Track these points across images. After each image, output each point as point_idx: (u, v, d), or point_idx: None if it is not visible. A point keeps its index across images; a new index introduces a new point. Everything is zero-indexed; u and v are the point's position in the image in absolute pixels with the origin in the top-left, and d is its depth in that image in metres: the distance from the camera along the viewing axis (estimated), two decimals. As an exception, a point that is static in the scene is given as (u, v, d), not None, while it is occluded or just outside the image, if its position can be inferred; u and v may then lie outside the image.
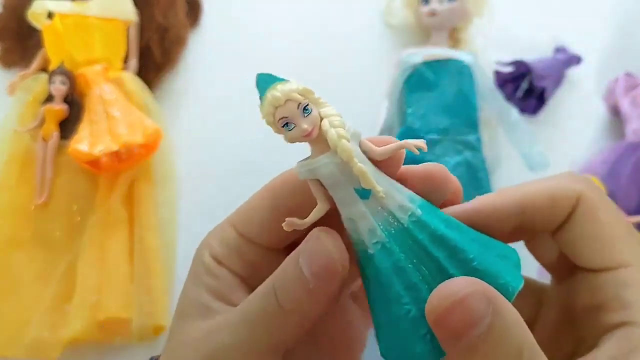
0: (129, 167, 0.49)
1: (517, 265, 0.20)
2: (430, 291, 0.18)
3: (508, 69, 0.56)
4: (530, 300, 0.23)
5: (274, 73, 0.20)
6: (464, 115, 0.49)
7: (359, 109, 0.55)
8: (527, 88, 0.56)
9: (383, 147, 0.19)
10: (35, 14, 0.52)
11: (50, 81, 0.51)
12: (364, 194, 0.19)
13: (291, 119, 0.18)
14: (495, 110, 0.50)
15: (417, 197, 0.19)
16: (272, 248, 0.23)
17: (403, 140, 0.19)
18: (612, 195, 0.52)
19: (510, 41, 0.57)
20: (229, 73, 0.55)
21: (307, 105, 0.19)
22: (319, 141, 0.19)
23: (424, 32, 0.56)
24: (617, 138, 0.55)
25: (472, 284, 0.16)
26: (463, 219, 0.20)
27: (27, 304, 0.46)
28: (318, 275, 0.19)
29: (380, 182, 0.19)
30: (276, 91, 0.18)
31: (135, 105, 0.51)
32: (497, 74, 0.56)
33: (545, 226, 0.20)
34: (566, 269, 0.21)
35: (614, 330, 0.18)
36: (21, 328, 0.45)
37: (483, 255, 0.19)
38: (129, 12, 0.54)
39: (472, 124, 0.49)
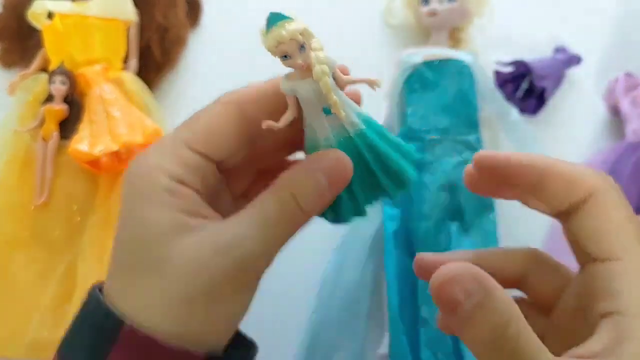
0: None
1: (415, 160, 0.27)
2: (359, 185, 0.26)
3: (508, 69, 0.56)
4: (554, 284, 0.25)
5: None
6: (464, 115, 0.49)
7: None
8: (527, 88, 0.56)
9: (348, 77, 0.26)
10: (35, 14, 0.52)
11: (50, 81, 0.51)
12: (328, 111, 0.24)
13: (290, 53, 0.23)
14: (495, 110, 0.51)
15: (363, 114, 0.26)
16: (228, 164, 0.25)
17: (363, 77, 0.26)
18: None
19: (510, 41, 0.57)
20: (229, 73, 0.55)
21: (304, 44, 0.23)
22: (306, 69, 0.24)
23: (424, 32, 0.56)
24: (617, 138, 0.55)
25: (465, 268, 0.19)
26: (491, 166, 0.24)
27: (27, 303, 0.46)
28: (335, 186, 0.24)
29: (342, 104, 0.24)
30: (284, 30, 0.23)
31: (135, 105, 0.51)
32: (497, 74, 0.56)
33: (556, 204, 0.23)
34: (584, 256, 0.22)
35: (605, 318, 0.20)
36: (21, 328, 0.45)
37: (396, 157, 0.26)
38: (129, 12, 0.54)
39: (472, 124, 0.49)
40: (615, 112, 0.56)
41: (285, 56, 0.23)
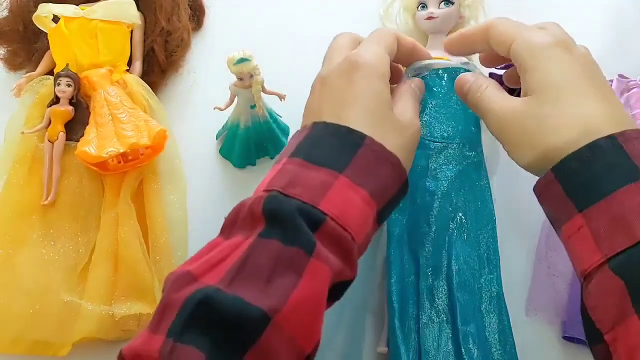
0: (135, 166, 0.50)
1: (287, 135, 0.54)
2: (256, 147, 0.52)
3: (503, 72, 0.56)
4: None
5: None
6: (465, 122, 0.49)
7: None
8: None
9: (268, 90, 0.48)
10: (40, 18, 0.53)
11: (55, 83, 0.51)
12: (253, 107, 0.48)
13: (244, 78, 0.46)
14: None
15: (270, 110, 0.51)
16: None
17: (276, 91, 0.49)
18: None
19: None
20: (232, 75, 0.56)
21: (252, 74, 0.46)
22: (248, 85, 0.46)
23: (421, 37, 0.57)
24: (610, 139, 0.56)
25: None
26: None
27: (34, 302, 0.46)
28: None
29: (262, 105, 0.48)
30: (245, 67, 0.45)
31: (139, 106, 0.52)
32: (492, 75, 0.57)
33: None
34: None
35: None
36: (28, 326, 0.45)
37: (281, 135, 0.52)
38: (133, 16, 0.55)
39: (474, 131, 0.49)
40: (609, 114, 0.57)
41: (241, 78, 0.46)
